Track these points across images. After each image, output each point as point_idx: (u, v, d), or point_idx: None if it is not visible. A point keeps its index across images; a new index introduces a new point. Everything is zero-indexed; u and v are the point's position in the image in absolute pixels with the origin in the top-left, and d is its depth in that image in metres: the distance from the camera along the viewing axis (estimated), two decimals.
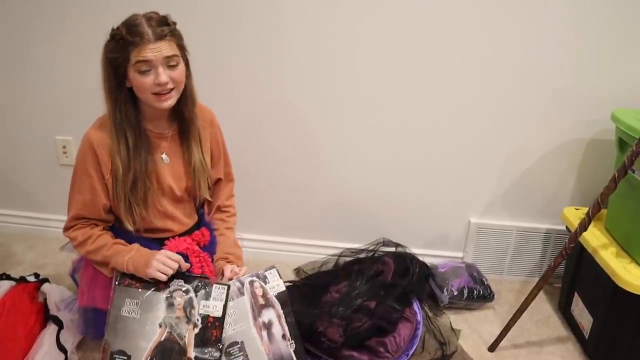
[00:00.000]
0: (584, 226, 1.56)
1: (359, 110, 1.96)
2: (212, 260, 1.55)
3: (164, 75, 1.31)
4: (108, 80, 1.34)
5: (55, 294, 1.73)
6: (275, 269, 1.54)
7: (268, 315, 1.46)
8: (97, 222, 1.44)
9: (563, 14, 1.76)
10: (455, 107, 1.92)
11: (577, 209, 1.87)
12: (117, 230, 1.48)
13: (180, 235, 1.56)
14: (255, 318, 1.44)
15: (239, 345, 1.39)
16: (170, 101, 1.36)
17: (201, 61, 1.44)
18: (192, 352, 1.36)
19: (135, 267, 1.37)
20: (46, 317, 1.66)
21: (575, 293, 1.82)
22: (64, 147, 2.18)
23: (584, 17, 1.76)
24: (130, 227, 1.43)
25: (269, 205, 2.16)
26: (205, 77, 1.44)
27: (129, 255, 1.38)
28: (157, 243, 1.51)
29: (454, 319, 1.87)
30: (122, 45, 1.28)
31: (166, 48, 1.30)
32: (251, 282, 1.50)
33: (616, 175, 1.47)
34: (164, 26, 1.31)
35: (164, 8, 1.36)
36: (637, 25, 1.75)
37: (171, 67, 1.33)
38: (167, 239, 1.53)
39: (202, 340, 1.38)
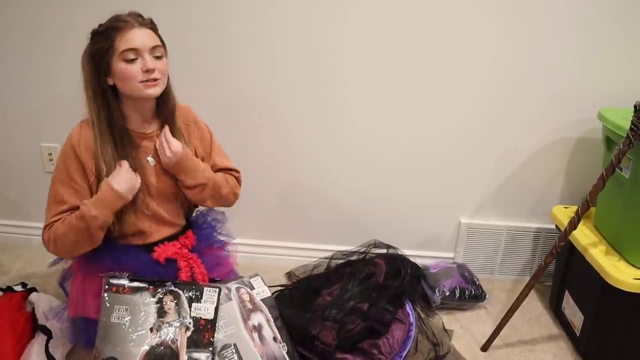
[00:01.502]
0: (573, 225, 1.57)
1: (349, 112, 1.96)
2: (202, 262, 1.54)
3: (150, 61, 1.31)
4: (90, 79, 1.34)
5: (43, 303, 1.71)
6: (259, 277, 1.57)
7: (257, 318, 1.47)
8: None
9: (552, 16, 1.77)
10: (444, 109, 1.93)
11: (566, 208, 1.88)
12: (106, 243, 1.46)
13: (168, 239, 1.55)
14: (245, 321, 1.45)
15: (232, 348, 1.39)
16: (157, 89, 1.36)
17: (190, 65, 1.43)
18: (185, 355, 1.35)
19: (101, 203, 1.33)
20: (34, 326, 1.63)
21: (566, 291, 1.83)
22: (50, 154, 2.15)
23: (572, 19, 1.77)
24: (113, 230, 1.41)
25: (259, 209, 2.15)
26: (194, 81, 1.44)
27: (90, 205, 1.33)
28: (145, 249, 1.50)
29: (446, 319, 1.87)
30: (105, 34, 1.29)
31: (150, 37, 1.33)
32: (237, 289, 1.51)
33: (604, 173, 1.48)
34: (145, 18, 1.34)
35: (149, 7, 1.36)
36: (624, 26, 1.77)
37: (157, 57, 1.34)
38: (156, 244, 1.52)
39: (194, 343, 1.37)
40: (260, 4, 1.84)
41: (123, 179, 1.35)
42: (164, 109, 1.45)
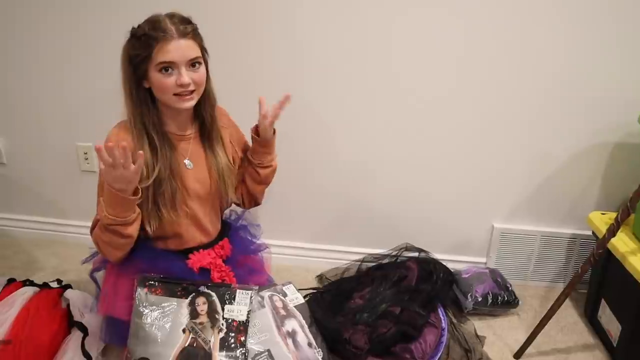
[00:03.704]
0: (612, 232, 1.53)
1: (380, 114, 1.95)
2: (235, 275, 1.54)
3: (186, 76, 1.29)
4: (128, 79, 1.33)
5: (78, 301, 1.73)
6: (291, 284, 1.57)
7: (291, 324, 1.47)
8: None
9: (589, 16, 1.73)
10: (478, 111, 1.90)
11: (603, 214, 1.83)
12: (142, 245, 1.47)
13: (204, 247, 1.55)
14: (278, 327, 1.44)
15: (266, 354, 1.39)
16: (191, 102, 1.35)
17: (220, 65, 1.44)
18: (217, 357, 1.36)
19: (109, 201, 1.27)
20: (70, 323, 1.66)
21: (602, 300, 1.79)
22: (85, 153, 2.19)
23: (609, 19, 1.73)
24: (149, 230, 1.40)
25: (290, 211, 2.15)
26: (225, 81, 1.46)
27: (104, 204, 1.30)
28: (181, 256, 1.51)
29: (478, 325, 1.85)
30: (144, 42, 1.27)
31: (189, 48, 1.30)
32: (270, 296, 1.51)
33: None
34: (187, 24, 1.31)
35: (182, 9, 1.36)
36: None
37: (193, 68, 1.32)
38: (191, 250, 1.53)
39: (227, 345, 1.38)
40: (291, 5, 1.84)
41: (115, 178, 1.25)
42: (203, 113, 1.45)
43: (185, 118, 1.44)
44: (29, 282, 1.83)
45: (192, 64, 1.32)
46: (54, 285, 1.85)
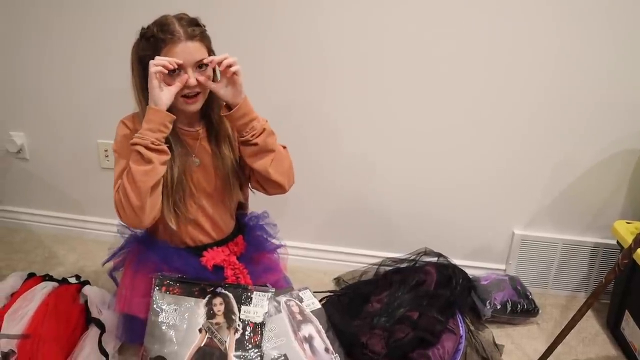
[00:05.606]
0: (639, 242, 1.49)
1: (398, 116, 1.93)
2: (249, 272, 1.54)
3: (192, 78, 1.31)
4: (138, 78, 1.36)
5: (96, 297, 1.74)
6: (308, 290, 1.58)
7: (307, 329, 1.47)
8: None
9: (613, 19, 1.69)
10: (500, 115, 1.87)
11: (628, 223, 1.79)
12: (157, 243, 1.49)
13: (218, 244, 1.56)
14: (295, 332, 1.44)
15: (282, 358, 1.38)
16: (197, 104, 1.37)
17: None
18: (233, 357, 1.36)
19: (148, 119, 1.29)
20: (87, 319, 1.67)
21: (626, 311, 1.75)
22: (106, 150, 2.20)
23: (635, 21, 1.69)
24: (173, 226, 1.42)
25: (306, 213, 2.15)
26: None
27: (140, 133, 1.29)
28: (194, 253, 1.52)
29: (496, 333, 1.81)
30: (152, 43, 1.29)
31: (196, 51, 1.31)
32: (287, 301, 1.51)
33: None
34: (195, 26, 1.32)
35: (194, 9, 1.37)
36: None
37: (200, 70, 1.33)
38: (205, 249, 1.53)
39: (242, 345, 1.38)
40: (300, 6, 1.83)
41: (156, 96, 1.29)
42: (210, 113, 1.46)
43: (192, 116, 1.45)
44: (48, 277, 1.86)
45: (199, 65, 1.33)
46: (73, 280, 1.87)
